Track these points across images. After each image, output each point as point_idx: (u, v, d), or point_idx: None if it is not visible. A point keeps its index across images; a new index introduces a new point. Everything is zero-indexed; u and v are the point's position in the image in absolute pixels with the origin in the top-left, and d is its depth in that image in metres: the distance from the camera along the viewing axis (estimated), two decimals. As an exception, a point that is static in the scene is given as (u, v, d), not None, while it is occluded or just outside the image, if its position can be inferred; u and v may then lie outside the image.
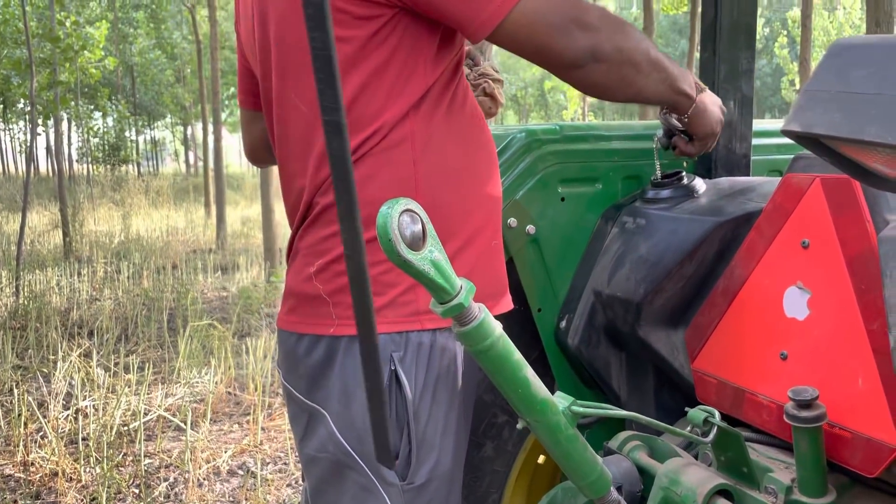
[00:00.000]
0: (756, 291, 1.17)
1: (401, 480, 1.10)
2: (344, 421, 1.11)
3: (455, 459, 1.15)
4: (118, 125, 23.13)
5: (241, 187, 19.92)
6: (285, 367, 1.21)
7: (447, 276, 0.79)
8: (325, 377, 1.12)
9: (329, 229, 1.11)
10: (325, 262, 1.11)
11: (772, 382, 1.13)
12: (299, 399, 1.17)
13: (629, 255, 1.34)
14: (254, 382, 4.21)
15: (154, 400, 4.05)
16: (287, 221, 1.26)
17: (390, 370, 1.08)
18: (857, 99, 0.45)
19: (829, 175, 1.07)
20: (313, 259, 1.13)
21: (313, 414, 1.15)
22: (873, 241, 0.99)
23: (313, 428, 1.15)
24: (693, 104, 1.25)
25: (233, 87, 27.30)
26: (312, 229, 1.14)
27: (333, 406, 1.11)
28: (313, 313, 1.13)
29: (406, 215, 0.76)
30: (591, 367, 1.42)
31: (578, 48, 1.05)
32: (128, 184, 16.52)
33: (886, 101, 0.44)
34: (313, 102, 1.07)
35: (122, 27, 23.14)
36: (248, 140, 1.41)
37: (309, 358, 1.13)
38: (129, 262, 7.96)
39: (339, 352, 1.10)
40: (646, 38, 1.15)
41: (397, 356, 1.08)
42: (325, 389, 1.12)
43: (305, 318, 1.14)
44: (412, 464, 1.10)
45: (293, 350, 1.16)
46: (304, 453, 1.18)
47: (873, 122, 0.45)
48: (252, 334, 5.42)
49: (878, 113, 0.44)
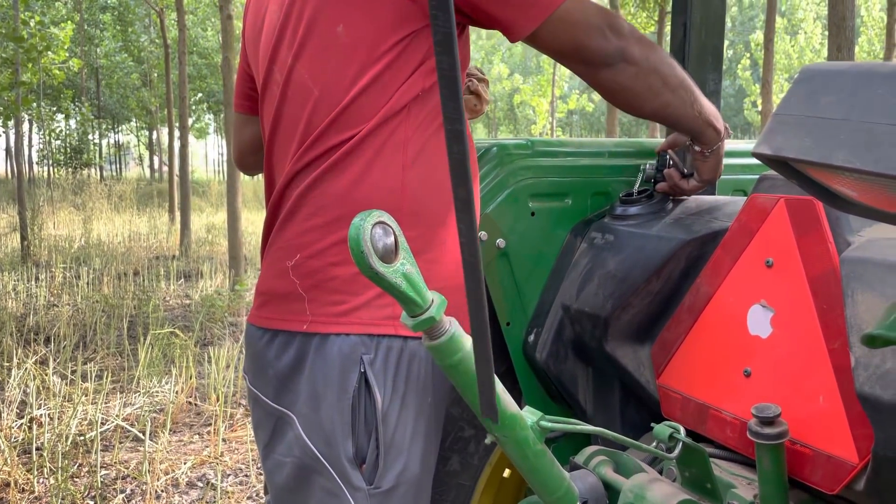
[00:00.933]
0: (721, 309, 1.19)
1: (367, 485, 1.08)
2: (312, 424, 1.09)
3: (423, 465, 1.14)
4: (81, 128, 22.71)
5: (206, 194, 19.67)
6: (253, 371, 1.19)
7: (418, 290, 0.78)
8: (293, 381, 1.10)
9: (308, 223, 1.10)
10: (303, 256, 1.10)
11: (735, 399, 1.14)
12: (266, 404, 1.15)
13: (597, 271, 1.35)
14: (216, 392, 4.14)
15: (112, 409, 3.96)
16: (253, 229, 1.26)
17: (360, 373, 1.07)
18: (826, 124, 0.47)
19: (793, 196, 1.10)
20: (291, 253, 1.11)
21: (281, 418, 1.13)
22: (835, 262, 1.01)
23: (280, 433, 1.13)
24: (719, 142, 1.29)
25: (200, 93, 27.05)
26: (291, 223, 1.12)
27: (301, 409, 1.10)
28: (287, 309, 1.11)
29: (378, 227, 0.76)
30: (558, 381, 1.42)
31: (611, 47, 1.11)
32: (89, 187, 16.20)
33: (854, 127, 0.45)
34: (326, 84, 1.08)
35: (88, 29, 22.78)
36: (238, 144, 1.44)
37: (279, 361, 1.11)
38: (88, 268, 7.79)
39: (311, 352, 1.08)
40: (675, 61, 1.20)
41: (367, 359, 1.07)
42: (293, 393, 1.11)
43: (279, 314, 1.13)
44: (379, 468, 1.08)
45: (263, 352, 1.14)
46: (270, 459, 1.16)
47: (842, 146, 0.46)
48: (215, 343, 5.34)
49: (846, 138, 0.45)
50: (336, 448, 1.07)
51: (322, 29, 1.09)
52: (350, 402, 1.07)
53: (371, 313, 1.07)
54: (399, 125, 1.09)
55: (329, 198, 1.09)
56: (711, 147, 1.29)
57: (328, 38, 1.08)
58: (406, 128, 1.09)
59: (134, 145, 43.22)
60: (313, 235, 1.09)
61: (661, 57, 1.17)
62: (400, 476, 1.10)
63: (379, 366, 1.08)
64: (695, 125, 1.25)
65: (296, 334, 1.10)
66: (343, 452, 1.07)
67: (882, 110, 0.45)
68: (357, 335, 1.07)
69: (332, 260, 1.08)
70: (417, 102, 1.10)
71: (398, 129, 1.09)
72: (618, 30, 1.12)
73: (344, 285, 1.08)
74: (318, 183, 1.10)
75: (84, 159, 22.69)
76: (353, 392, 1.07)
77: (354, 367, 1.07)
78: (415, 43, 1.08)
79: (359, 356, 1.07)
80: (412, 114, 1.10)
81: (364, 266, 0.74)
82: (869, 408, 0.88)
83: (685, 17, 1.48)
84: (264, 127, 1.22)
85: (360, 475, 1.08)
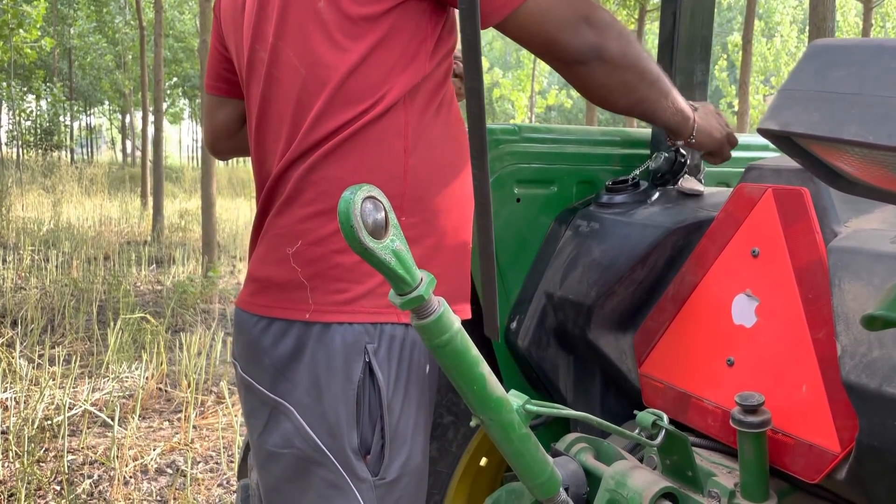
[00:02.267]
0: (705, 298, 1.19)
1: (372, 476, 1.06)
2: (314, 414, 1.06)
3: (424, 454, 1.13)
4: (52, 109, 22.27)
5: (179, 180, 19.40)
6: (246, 358, 1.15)
7: (408, 267, 0.77)
8: (291, 369, 1.07)
9: (309, 209, 1.07)
10: (305, 243, 1.07)
11: (718, 388, 1.14)
12: (261, 392, 1.12)
13: (582, 259, 1.34)
14: (187, 379, 4.09)
15: (80, 394, 3.89)
16: (227, 216, 1.22)
17: (364, 362, 1.05)
18: (836, 98, 0.46)
19: (781, 186, 1.10)
20: (291, 240, 1.08)
21: (276, 408, 1.10)
22: (822, 252, 1.01)
23: (276, 422, 1.10)
24: (694, 125, 1.27)
25: (175, 77, 26.66)
26: (290, 208, 1.09)
27: (301, 399, 1.07)
28: (287, 297, 1.08)
29: (369, 202, 0.74)
30: (539, 368, 1.42)
31: (584, 44, 1.07)
32: (60, 170, 15.91)
33: (866, 101, 0.44)
34: (312, 64, 1.05)
35: (62, 8, 22.30)
36: (211, 128, 1.38)
37: (276, 348, 1.08)
38: (58, 251, 7.65)
39: (311, 340, 1.06)
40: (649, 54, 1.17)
41: (371, 348, 1.05)
42: (290, 383, 1.08)
43: (278, 302, 1.09)
44: (385, 458, 1.06)
45: (258, 339, 1.11)
46: (263, 449, 1.13)
47: (853, 121, 0.45)
48: (186, 330, 5.27)
49: (857, 112, 0.44)
50: (340, 439, 1.05)
51: (302, 3, 1.05)
52: (355, 392, 1.05)
53: (374, 301, 1.05)
54: (399, 109, 1.06)
55: (330, 183, 1.06)
56: (690, 135, 1.28)
57: (309, 13, 1.05)
58: (407, 112, 1.06)
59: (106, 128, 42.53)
60: (315, 222, 1.06)
61: (638, 52, 1.13)
62: (404, 466, 1.08)
63: (383, 355, 1.06)
64: (671, 120, 1.23)
65: (294, 322, 1.07)
66: (348, 443, 1.05)
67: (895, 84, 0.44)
68: (361, 324, 1.05)
69: (335, 247, 1.05)
70: (418, 86, 1.07)
71: (398, 113, 1.06)
72: (595, 23, 1.07)
73: (347, 273, 1.05)
74: (319, 168, 1.06)
75: (55, 141, 22.27)
76: (358, 382, 1.05)
77: (359, 356, 1.04)
78: (403, 22, 1.05)
79: (363, 345, 1.05)
80: (413, 97, 1.07)
81: (354, 241, 0.72)
82: (854, 396, 0.88)
83: (675, 7, 1.48)
84: (251, 109, 1.18)
85: (364, 466, 1.06)
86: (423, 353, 1.11)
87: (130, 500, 2.89)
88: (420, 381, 1.10)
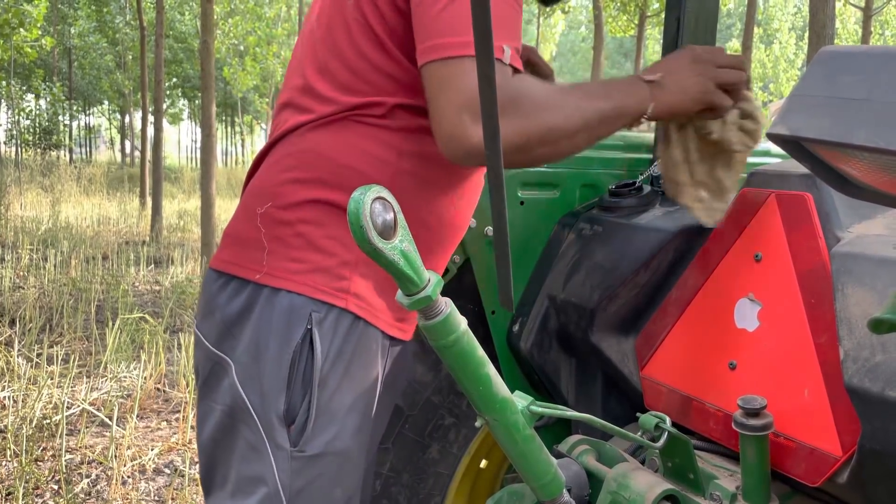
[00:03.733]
0: (708, 302, 1.19)
1: (292, 446, 1.03)
2: (248, 373, 1.05)
3: (356, 441, 1.09)
4: (52, 108, 22.25)
5: (178, 180, 19.40)
6: (202, 313, 1.14)
7: (416, 268, 0.77)
8: (237, 327, 1.07)
9: (288, 174, 1.07)
10: (275, 206, 1.07)
11: (720, 391, 1.15)
12: (206, 347, 1.11)
13: (585, 262, 1.35)
14: (185, 379, 4.09)
15: (78, 394, 3.89)
16: (226, 217, 1.23)
17: (306, 328, 1.03)
18: (846, 104, 0.46)
19: (784, 191, 1.11)
20: (263, 199, 1.08)
21: (218, 363, 1.09)
22: (825, 257, 1.02)
23: (216, 378, 1.09)
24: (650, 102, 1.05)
25: (175, 78, 26.64)
26: (272, 170, 1.09)
27: (241, 357, 1.06)
28: (246, 256, 1.08)
29: (378, 203, 0.74)
30: (541, 371, 1.42)
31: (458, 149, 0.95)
32: (59, 169, 15.89)
33: (876, 107, 0.44)
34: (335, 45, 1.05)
35: (62, 7, 22.30)
36: None
37: (228, 306, 1.08)
38: (56, 250, 7.63)
39: (259, 302, 1.05)
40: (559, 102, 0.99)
41: (317, 317, 1.03)
42: (234, 339, 1.07)
43: (235, 258, 1.09)
44: (307, 431, 1.03)
45: (215, 296, 1.10)
46: (203, 403, 1.12)
47: (863, 126, 0.45)
48: (185, 330, 5.26)
49: (867, 118, 0.45)
50: (268, 402, 1.03)
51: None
52: (291, 356, 1.03)
53: (327, 280, 1.04)
54: (408, 113, 1.05)
55: (316, 156, 1.06)
56: (654, 113, 1.06)
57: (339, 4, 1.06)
58: (416, 119, 1.05)
59: (105, 128, 42.50)
60: (290, 188, 1.06)
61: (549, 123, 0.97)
62: (328, 445, 1.05)
63: (328, 326, 1.04)
64: (627, 118, 1.05)
65: (248, 283, 1.07)
66: (274, 408, 1.03)
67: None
68: (308, 297, 1.04)
69: (304, 217, 1.05)
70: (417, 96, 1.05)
71: (406, 117, 1.05)
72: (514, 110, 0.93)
73: (307, 245, 1.04)
74: (311, 138, 1.07)
75: (54, 140, 22.25)
76: (296, 347, 1.03)
77: (301, 322, 1.03)
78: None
79: (308, 312, 1.03)
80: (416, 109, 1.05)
81: (363, 241, 0.73)
82: (857, 400, 0.89)
83: (679, 13, 1.48)
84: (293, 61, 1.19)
85: (286, 434, 1.03)
86: (379, 350, 1.09)
87: (128, 500, 2.89)
88: (368, 368, 1.08)
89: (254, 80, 19.22)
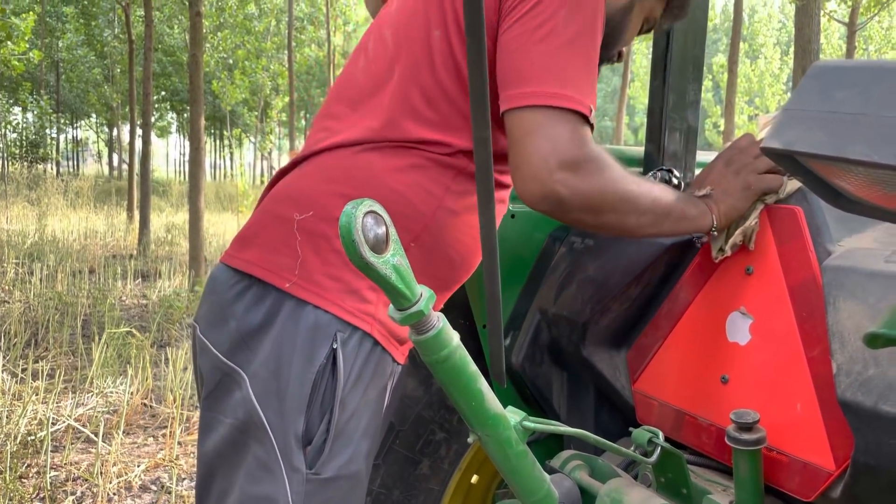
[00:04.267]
0: (699, 315, 1.19)
1: (307, 468, 1.01)
2: (266, 389, 1.02)
3: (367, 465, 1.08)
4: (39, 122, 22.14)
5: (166, 193, 19.32)
6: (208, 321, 1.10)
7: (408, 283, 0.77)
8: (255, 339, 1.03)
9: (333, 187, 1.06)
10: (317, 216, 1.04)
11: (712, 406, 1.14)
12: (216, 357, 1.07)
13: (577, 275, 1.34)
14: (172, 394, 4.04)
15: (63, 409, 3.84)
16: (215, 230, 1.21)
17: (331, 348, 1.01)
18: (840, 118, 0.46)
19: (775, 205, 1.11)
20: (304, 206, 1.05)
21: (230, 375, 1.05)
22: (816, 271, 1.02)
23: (225, 390, 1.06)
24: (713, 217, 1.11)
25: (163, 91, 26.57)
26: (318, 178, 1.08)
27: (258, 371, 1.02)
28: (274, 260, 1.04)
29: (370, 217, 0.74)
30: (533, 385, 1.41)
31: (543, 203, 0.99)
32: (45, 183, 15.79)
33: (870, 121, 0.44)
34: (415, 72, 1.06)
35: (50, 21, 22.24)
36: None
37: (247, 315, 1.04)
38: (42, 264, 7.57)
39: (282, 314, 1.02)
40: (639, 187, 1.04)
41: (342, 337, 1.01)
42: (251, 352, 1.04)
43: (262, 261, 1.05)
44: (324, 453, 1.01)
45: (230, 303, 1.06)
46: (207, 414, 1.09)
47: (857, 140, 0.45)
48: (172, 345, 5.22)
49: (862, 132, 0.45)
50: (286, 421, 1.00)
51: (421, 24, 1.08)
52: (314, 375, 1.00)
53: (356, 303, 1.03)
54: (467, 159, 1.07)
55: (367, 175, 1.06)
56: (719, 224, 1.12)
57: (425, 39, 1.08)
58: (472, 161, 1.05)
59: (93, 141, 42.33)
60: (336, 201, 1.04)
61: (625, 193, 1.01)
62: (342, 468, 1.03)
63: (352, 347, 1.02)
64: (683, 231, 1.11)
65: (271, 290, 1.04)
66: (292, 427, 1.00)
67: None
68: (334, 316, 1.02)
69: None
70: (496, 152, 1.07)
71: (462, 161, 1.08)
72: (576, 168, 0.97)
73: (344, 264, 1.03)
74: (366, 157, 1.06)
75: (41, 154, 22.12)
76: (320, 366, 1.01)
77: (326, 341, 1.01)
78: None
79: (334, 331, 1.01)
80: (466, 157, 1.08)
81: (354, 255, 0.72)
82: (850, 414, 0.88)
83: (668, 27, 1.49)
84: (348, 72, 1.19)
85: (302, 456, 1.01)
86: (391, 373, 1.09)
87: (114, 518, 2.85)
88: (381, 392, 1.07)
89: (243, 94, 19.19)
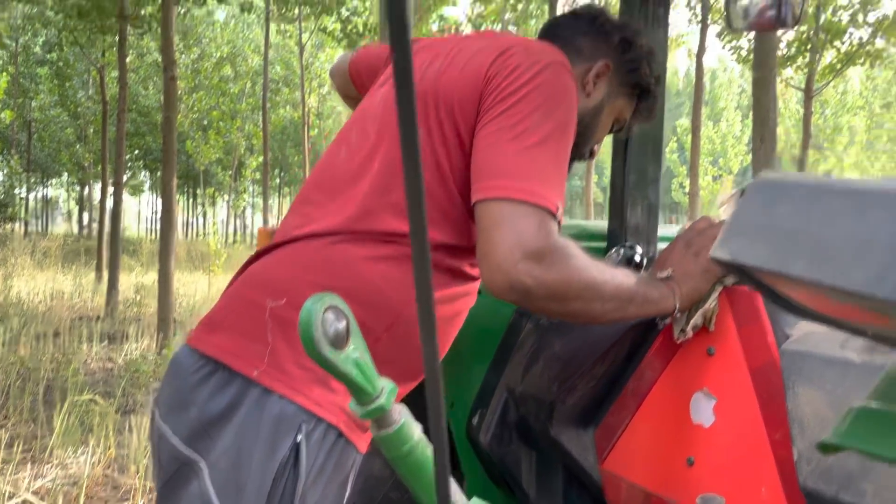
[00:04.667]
0: (664, 395, 1.20)
1: None
2: (225, 481, 0.98)
3: None
4: (8, 181, 21.94)
5: (137, 252, 19.08)
6: (168, 406, 1.07)
7: (369, 377, 0.76)
8: (216, 427, 1.01)
9: (312, 277, 1.05)
10: (290, 304, 1.03)
11: (679, 488, 1.14)
12: (173, 445, 1.03)
13: (543, 352, 1.35)
14: (135, 464, 3.92)
15: (21, 481, 3.69)
16: (185, 290, 1.20)
17: (294, 441, 0.98)
18: (783, 235, 0.47)
19: (734, 287, 1.13)
20: (278, 292, 1.05)
21: (188, 465, 1.02)
22: (775, 353, 1.03)
23: (183, 480, 1.02)
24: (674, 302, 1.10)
25: (137, 150, 26.56)
26: (295, 266, 1.08)
27: (217, 461, 0.99)
28: (246, 348, 1.03)
29: (330, 312, 0.74)
30: (501, 464, 1.40)
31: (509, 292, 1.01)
32: (12, 242, 15.55)
33: (811, 239, 0.46)
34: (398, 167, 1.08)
35: (23, 82, 22.26)
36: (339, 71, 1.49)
37: (210, 402, 1.01)
38: (5, 328, 7.38)
39: (247, 400, 1.00)
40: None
41: (306, 428, 0.99)
42: (210, 440, 1.00)
43: (234, 349, 1.03)
44: None
45: (193, 388, 1.03)
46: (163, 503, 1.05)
47: (799, 258, 0.46)
48: (137, 411, 5.08)
49: (803, 249, 0.46)
50: None
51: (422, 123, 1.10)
52: (276, 467, 0.97)
53: (326, 395, 1.01)
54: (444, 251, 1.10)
55: (345, 267, 1.06)
56: (681, 305, 1.12)
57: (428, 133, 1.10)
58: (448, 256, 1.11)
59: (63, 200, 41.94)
60: (311, 290, 1.02)
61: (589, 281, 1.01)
62: None
63: (316, 440, 1.00)
64: (647, 314, 1.11)
65: (237, 377, 1.01)
66: None
67: (840, 225, 0.45)
68: (300, 406, 1.00)
69: None
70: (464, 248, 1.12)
71: (442, 253, 1.10)
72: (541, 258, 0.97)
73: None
74: (346, 250, 1.07)
75: (9, 213, 21.85)
76: (283, 459, 0.98)
77: (290, 432, 0.99)
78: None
79: (299, 422, 0.99)
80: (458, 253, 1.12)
81: (314, 353, 0.72)
82: (812, 503, 0.89)
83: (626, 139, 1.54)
84: (328, 161, 1.20)
85: None
86: (353, 466, 1.07)
87: None
88: (340, 487, 1.05)
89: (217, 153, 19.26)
